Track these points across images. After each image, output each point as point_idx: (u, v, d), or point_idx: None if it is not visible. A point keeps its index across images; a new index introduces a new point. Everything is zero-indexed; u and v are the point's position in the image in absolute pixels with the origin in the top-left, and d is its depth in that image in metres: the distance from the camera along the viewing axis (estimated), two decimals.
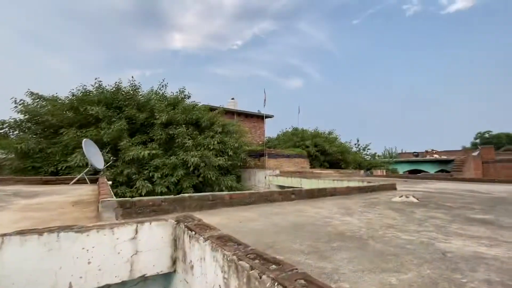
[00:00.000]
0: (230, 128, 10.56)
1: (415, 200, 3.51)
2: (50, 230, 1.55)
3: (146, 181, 7.54)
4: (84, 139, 4.61)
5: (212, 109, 11.61)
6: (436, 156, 19.39)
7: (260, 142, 18.49)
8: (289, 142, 16.44)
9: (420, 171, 18.29)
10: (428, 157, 19.32)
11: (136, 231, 1.68)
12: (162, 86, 10.40)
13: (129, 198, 2.39)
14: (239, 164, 10.31)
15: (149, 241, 1.72)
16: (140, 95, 9.67)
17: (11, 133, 6.77)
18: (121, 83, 9.46)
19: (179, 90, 10.32)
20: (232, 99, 19.69)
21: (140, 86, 9.83)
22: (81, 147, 5.20)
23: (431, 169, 18.18)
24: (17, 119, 6.94)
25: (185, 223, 1.72)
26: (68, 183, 4.31)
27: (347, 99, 54.39)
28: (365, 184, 5.81)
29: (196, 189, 8.46)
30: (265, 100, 14.74)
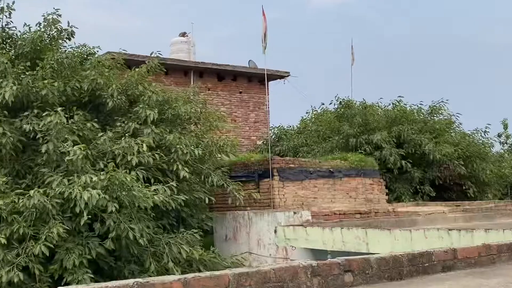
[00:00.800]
0: (180, 111, 10.95)
1: None
2: None
3: None
4: None
5: (131, 63, 12.30)
6: None
7: (259, 141, 19.61)
8: (331, 136, 16.96)
9: None
10: None
11: None
12: (1, 9, 10.54)
13: None
14: (206, 199, 10.68)
15: None
16: None
17: None
18: None
19: (47, 19, 10.59)
20: (184, 35, 20.90)
21: None
22: None
23: None
24: None
25: None
26: None
27: (459, 29, 55.96)
28: None
29: (100, 270, 8.72)
30: (265, 34, 15.48)
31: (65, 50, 10.52)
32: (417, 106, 17.37)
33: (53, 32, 10.55)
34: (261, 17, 15.02)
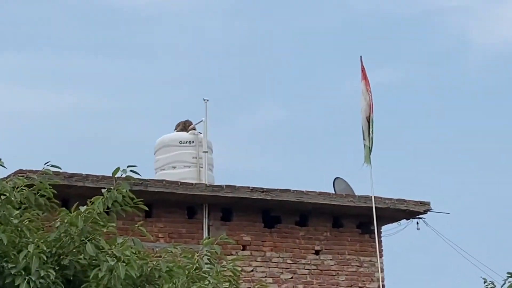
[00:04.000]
0: None
1: None
2: None
3: None
4: None
5: (70, 194, 12.39)
6: None
7: None
8: None
9: None
10: None
11: None
12: None
13: None
14: None
15: None
16: None
17: None
18: None
19: None
20: (186, 128, 22.98)
21: None
22: None
23: None
24: None
25: None
26: None
27: None
28: None
29: None
30: (369, 119, 15.55)
31: None
32: None
33: None
34: (358, 79, 15.03)
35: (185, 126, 21.59)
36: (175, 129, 21.80)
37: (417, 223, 20.98)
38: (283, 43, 61.67)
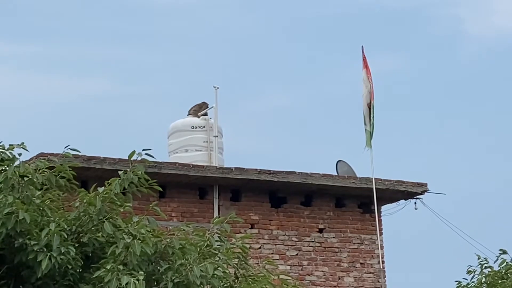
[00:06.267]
0: (192, 275, 10.68)
1: None
2: None
3: None
4: None
5: (89, 175, 12.26)
6: None
7: None
8: None
9: None
10: None
11: None
12: None
13: None
14: None
15: None
16: None
17: None
18: None
19: None
20: (197, 113, 23.01)
21: None
22: None
23: None
24: None
25: None
26: None
27: None
28: None
29: None
30: (370, 106, 15.68)
31: None
32: None
33: None
34: (359, 68, 15.00)
35: (200, 108, 21.57)
36: (188, 113, 21.76)
37: (415, 203, 21.02)
38: (289, 32, 61.58)
